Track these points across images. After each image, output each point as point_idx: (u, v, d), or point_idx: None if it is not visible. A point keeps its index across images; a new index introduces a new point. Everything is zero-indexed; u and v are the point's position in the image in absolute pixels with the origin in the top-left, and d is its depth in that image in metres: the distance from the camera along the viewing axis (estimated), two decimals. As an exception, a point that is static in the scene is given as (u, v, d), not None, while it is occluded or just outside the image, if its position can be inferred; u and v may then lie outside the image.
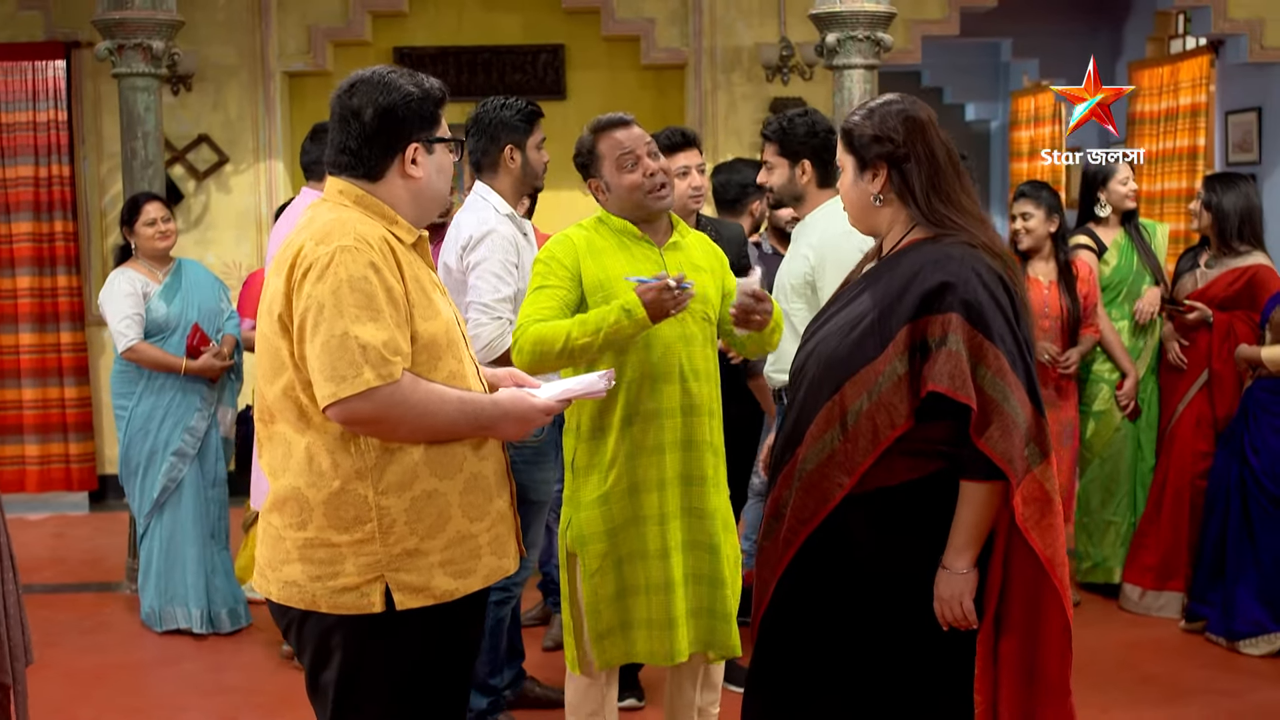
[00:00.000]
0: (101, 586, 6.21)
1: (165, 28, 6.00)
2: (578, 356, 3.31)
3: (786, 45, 7.82)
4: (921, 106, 2.83)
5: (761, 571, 2.85)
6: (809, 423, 2.72)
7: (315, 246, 2.52)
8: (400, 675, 2.62)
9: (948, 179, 2.75)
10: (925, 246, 2.71)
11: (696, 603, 3.52)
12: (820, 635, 2.77)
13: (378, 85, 2.64)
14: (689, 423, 3.48)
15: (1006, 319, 2.62)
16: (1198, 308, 5.40)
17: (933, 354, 2.60)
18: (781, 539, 2.76)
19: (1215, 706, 4.59)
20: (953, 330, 2.58)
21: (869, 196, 2.80)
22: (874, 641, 2.73)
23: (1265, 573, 5.08)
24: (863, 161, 2.79)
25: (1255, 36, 7.94)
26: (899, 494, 2.68)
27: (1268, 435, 5.10)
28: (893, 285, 2.68)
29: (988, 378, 2.58)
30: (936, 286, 2.61)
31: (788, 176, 4.19)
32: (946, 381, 2.57)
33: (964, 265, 2.63)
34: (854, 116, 2.84)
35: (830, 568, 2.74)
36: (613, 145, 3.50)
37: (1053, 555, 2.64)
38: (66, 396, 7.76)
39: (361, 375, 2.44)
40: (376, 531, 2.53)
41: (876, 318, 2.67)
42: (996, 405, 2.57)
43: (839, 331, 2.74)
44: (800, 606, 2.79)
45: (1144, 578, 5.50)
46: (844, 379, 2.68)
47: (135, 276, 5.42)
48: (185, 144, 7.83)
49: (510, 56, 8.29)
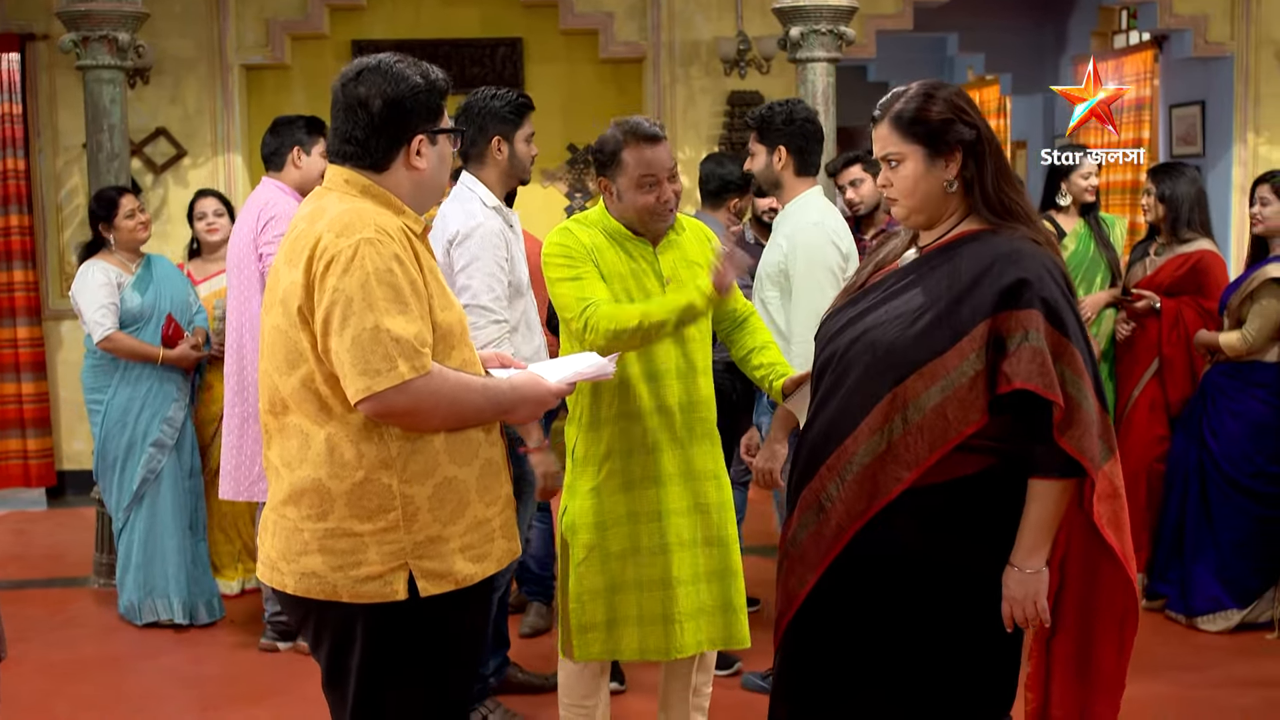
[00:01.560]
0: (67, 582, 6.16)
1: (130, 19, 5.98)
2: (652, 335, 3.35)
3: (744, 39, 7.90)
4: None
5: (796, 568, 2.76)
6: (861, 414, 2.64)
7: (336, 239, 2.51)
8: (422, 660, 2.65)
9: (1008, 162, 2.72)
10: (987, 237, 2.66)
11: (711, 600, 3.56)
12: (861, 633, 2.71)
13: (385, 75, 2.62)
14: (688, 418, 3.53)
15: (1077, 318, 2.61)
16: (1145, 295, 5.55)
17: (1012, 351, 2.54)
18: (830, 534, 2.68)
19: (1179, 681, 4.74)
20: (1034, 328, 2.54)
21: (942, 184, 2.68)
22: (917, 640, 2.68)
23: (1223, 552, 5.25)
24: (935, 147, 2.66)
25: (1200, 31, 8.14)
26: (950, 490, 2.62)
27: (1225, 419, 5.27)
28: (959, 278, 2.61)
29: (1068, 376, 2.55)
30: (1015, 283, 2.56)
31: (765, 163, 4.33)
32: (1038, 379, 2.52)
33: (1036, 262, 2.59)
34: (901, 104, 2.70)
35: (874, 564, 2.67)
36: (639, 162, 3.45)
37: (1126, 551, 2.65)
38: (24, 392, 7.67)
39: (396, 368, 2.46)
40: (400, 520, 2.56)
41: (944, 310, 2.60)
42: (1076, 404, 2.55)
43: (897, 322, 2.65)
44: (841, 603, 2.72)
45: None
46: (908, 371, 2.60)
47: (109, 268, 5.41)
48: (143, 137, 7.77)
49: (468, 50, 8.30)
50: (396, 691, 2.65)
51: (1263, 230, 5.26)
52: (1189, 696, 4.60)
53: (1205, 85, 8.55)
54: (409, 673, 2.64)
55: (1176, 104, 8.90)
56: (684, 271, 3.50)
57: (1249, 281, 5.23)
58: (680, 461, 3.53)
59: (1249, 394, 5.25)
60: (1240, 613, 5.21)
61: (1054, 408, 2.54)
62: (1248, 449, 5.23)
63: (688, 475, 3.54)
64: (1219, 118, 8.44)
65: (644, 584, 3.52)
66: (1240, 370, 5.25)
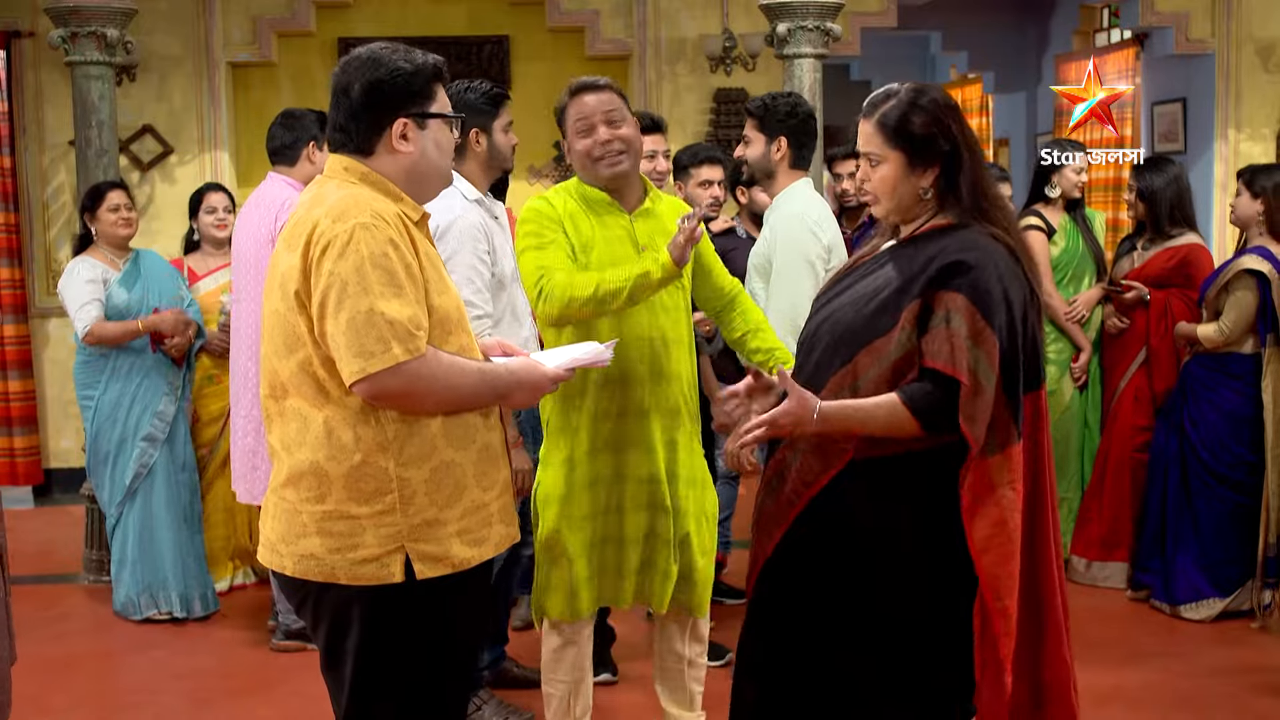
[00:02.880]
0: (58, 579, 6.16)
1: (119, 15, 5.99)
2: (607, 303, 3.36)
3: (730, 36, 7.94)
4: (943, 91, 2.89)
5: (760, 533, 2.90)
6: (819, 388, 2.77)
7: (332, 224, 2.54)
8: (419, 644, 2.67)
9: (984, 166, 2.85)
10: (954, 232, 2.78)
11: (664, 564, 3.61)
12: (817, 601, 2.82)
13: (367, 61, 2.67)
14: (659, 390, 3.56)
15: (1011, 315, 2.69)
16: (1135, 287, 5.61)
17: (933, 329, 2.68)
18: (784, 500, 2.83)
19: (1166, 669, 4.80)
20: (955, 309, 2.66)
21: (917, 191, 2.81)
22: (870, 609, 2.78)
23: (1204, 541, 5.31)
24: (914, 158, 2.79)
25: (1181, 29, 8.20)
26: (902, 463, 2.74)
27: (1205, 409, 5.32)
28: (914, 264, 2.75)
29: (981, 364, 2.64)
30: (951, 264, 2.69)
31: (762, 152, 4.35)
32: (944, 359, 2.65)
33: (986, 254, 2.71)
34: (888, 107, 2.81)
35: (828, 534, 2.79)
36: (576, 110, 3.53)
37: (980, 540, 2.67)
38: (10, 390, 7.67)
39: (390, 351, 2.49)
40: (397, 503, 2.59)
41: (893, 293, 2.74)
42: (981, 388, 2.64)
43: (855, 303, 2.81)
44: (797, 571, 2.84)
45: (1090, 549, 5.72)
46: (859, 348, 2.75)
47: (95, 264, 5.41)
48: (129, 134, 7.76)
49: (455, 48, 8.32)
50: (393, 674, 2.67)
51: (1234, 221, 5.36)
52: (1174, 685, 4.66)
53: (1186, 82, 8.61)
54: (406, 656, 2.66)
55: (1158, 101, 8.97)
56: (660, 240, 3.51)
57: (1224, 273, 5.29)
58: (645, 430, 3.54)
59: (1227, 385, 5.31)
60: (1222, 601, 5.27)
61: (960, 386, 2.64)
62: (1226, 439, 5.29)
63: (655, 444, 3.56)
64: (1200, 114, 8.50)
65: (601, 541, 3.58)
66: (1218, 361, 5.31)
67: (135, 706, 4.64)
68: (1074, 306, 5.77)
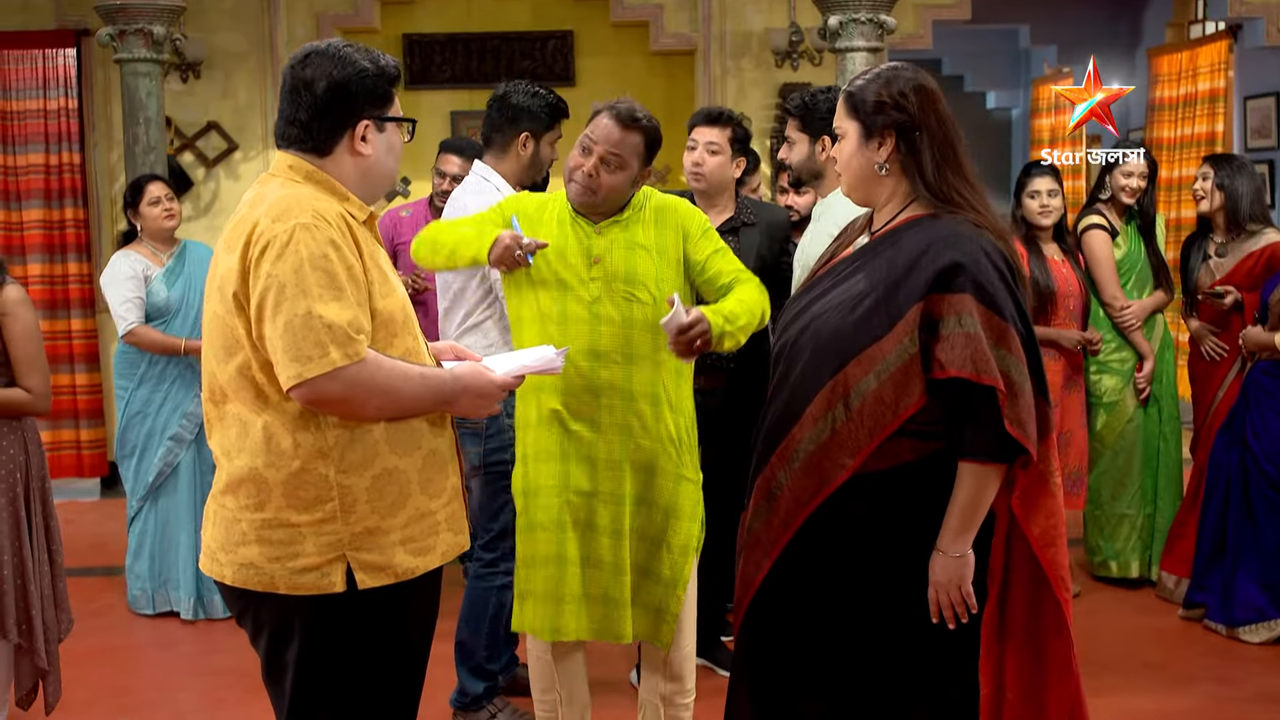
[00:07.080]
0: (106, 571, 6.22)
1: (166, 13, 6.04)
2: (457, 256, 3.48)
3: (796, 30, 7.78)
4: (930, 77, 2.76)
5: (752, 555, 2.76)
6: (806, 402, 2.64)
7: (272, 224, 2.47)
8: (361, 655, 2.59)
9: (958, 152, 2.69)
10: (928, 223, 2.65)
11: (619, 593, 3.44)
12: (818, 620, 2.71)
13: (333, 58, 2.58)
14: (595, 402, 3.40)
15: (1016, 301, 2.59)
16: (1231, 291, 5.35)
17: (945, 336, 2.54)
18: (778, 522, 2.70)
19: (1213, 695, 4.53)
20: (967, 312, 2.53)
21: (872, 165, 2.71)
22: (875, 626, 2.68)
23: (1266, 558, 5.02)
24: (869, 128, 2.69)
25: (1273, 19, 7.85)
26: (900, 475, 2.62)
27: (1269, 418, 5.03)
28: (897, 262, 2.61)
29: (1008, 359, 2.54)
30: (948, 266, 2.55)
31: (807, 153, 4.13)
32: (970, 366, 2.51)
33: (973, 245, 2.58)
34: (858, 81, 2.75)
35: (828, 551, 2.67)
36: (592, 126, 3.45)
37: (1040, 535, 2.63)
38: (77, 383, 7.80)
39: (328, 355, 2.41)
40: (338, 511, 2.51)
41: (882, 295, 2.60)
42: (1018, 386, 2.53)
43: (838, 309, 2.66)
44: (796, 591, 2.72)
45: (1180, 566, 5.41)
46: (847, 358, 2.61)
47: (137, 259, 5.40)
48: (194, 131, 7.85)
49: (519, 43, 8.29)
50: (335, 686, 2.59)
51: None
52: (1223, 712, 4.40)
53: None
54: (349, 667, 2.59)
55: (1251, 95, 8.60)
56: (619, 252, 3.40)
57: (1296, 275, 5.02)
58: (579, 444, 3.41)
59: (1293, 394, 5.01)
60: (1285, 623, 4.98)
61: (995, 392, 2.52)
62: (1292, 450, 4.98)
63: (598, 460, 3.42)
64: (1294, 109, 8.15)
65: (539, 560, 3.45)
66: (1282, 369, 5.02)
67: (151, 705, 4.64)
68: (1125, 312, 5.50)
